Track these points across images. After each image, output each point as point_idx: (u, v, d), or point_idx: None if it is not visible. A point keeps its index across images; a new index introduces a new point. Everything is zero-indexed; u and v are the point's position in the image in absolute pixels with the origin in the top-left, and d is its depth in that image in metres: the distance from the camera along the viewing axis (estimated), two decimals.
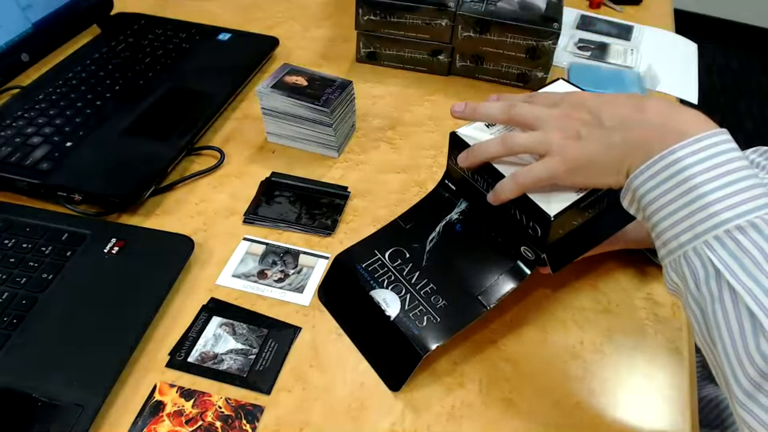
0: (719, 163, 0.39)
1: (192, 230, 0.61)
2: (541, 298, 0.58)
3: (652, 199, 0.41)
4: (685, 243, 0.40)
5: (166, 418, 0.47)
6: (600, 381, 0.51)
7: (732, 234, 0.38)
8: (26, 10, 0.80)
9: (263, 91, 0.68)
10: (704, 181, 0.39)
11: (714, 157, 0.40)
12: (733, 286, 0.37)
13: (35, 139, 0.67)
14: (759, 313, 0.35)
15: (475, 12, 0.78)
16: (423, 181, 0.69)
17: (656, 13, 1.05)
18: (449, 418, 0.48)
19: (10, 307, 0.51)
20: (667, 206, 0.41)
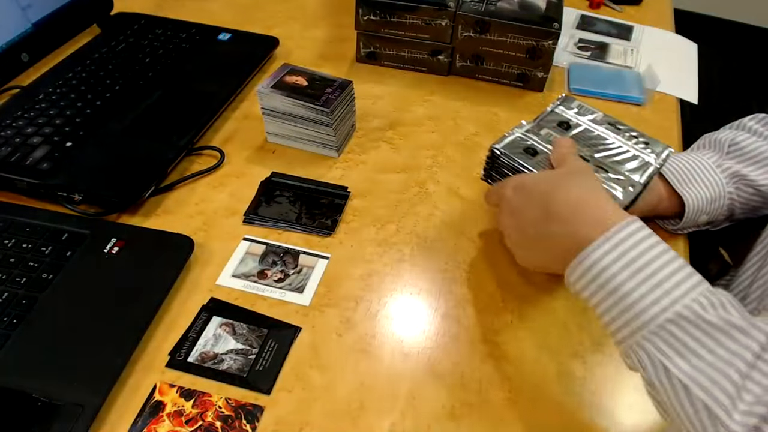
0: (634, 257, 0.41)
1: (192, 230, 0.61)
2: (542, 298, 0.58)
3: (587, 299, 0.44)
4: (627, 337, 0.41)
5: (166, 418, 0.47)
6: (600, 381, 0.51)
7: (665, 327, 0.39)
8: (26, 10, 0.80)
9: (263, 91, 0.68)
10: (624, 281, 0.41)
11: (628, 252, 0.41)
12: (681, 380, 0.38)
13: (35, 139, 0.67)
14: (710, 403, 0.37)
15: (475, 12, 0.78)
16: (423, 181, 0.69)
17: (656, 13, 1.05)
18: (449, 418, 0.48)
19: (10, 307, 0.51)
20: (600, 306, 0.43)
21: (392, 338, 0.54)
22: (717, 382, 0.37)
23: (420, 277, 0.59)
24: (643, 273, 0.41)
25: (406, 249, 0.62)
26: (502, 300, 0.57)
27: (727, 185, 0.62)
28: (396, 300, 0.57)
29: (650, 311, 0.40)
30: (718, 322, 0.38)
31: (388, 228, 0.64)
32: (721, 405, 0.37)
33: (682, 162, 0.63)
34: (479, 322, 0.55)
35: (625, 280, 0.41)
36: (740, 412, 0.36)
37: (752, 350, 0.37)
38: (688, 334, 0.39)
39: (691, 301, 0.39)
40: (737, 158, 0.63)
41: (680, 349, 0.39)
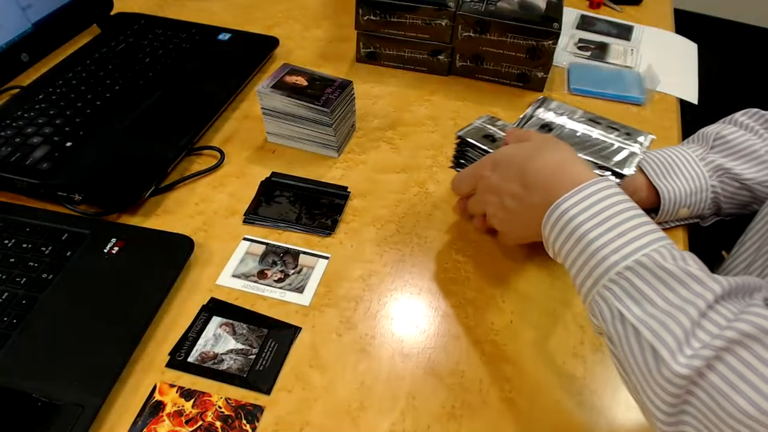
0: (601, 209, 0.43)
1: (192, 230, 0.61)
2: (542, 298, 0.58)
3: (558, 251, 0.46)
4: (591, 288, 0.43)
5: (166, 418, 0.47)
6: (600, 381, 0.51)
7: (623, 275, 0.40)
8: (26, 10, 0.80)
9: (263, 91, 0.68)
10: (589, 229, 0.42)
11: (595, 204, 0.43)
12: (633, 324, 0.39)
13: (35, 139, 0.67)
14: (657, 345, 0.38)
15: (475, 12, 0.78)
16: (423, 181, 0.69)
17: (656, 13, 1.05)
18: (449, 418, 0.48)
19: (10, 307, 0.51)
20: (569, 256, 0.44)
21: (392, 338, 0.54)
22: (666, 326, 0.38)
23: (420, 277, 0.59)
24: (608, 223, 0.42)
25: (406, 249, 0.62)
26: (502, 300, 0.57)
27: (710, 178, 0.62)
28: (396, 300, 0.57)
29: (611, 258, 0.41)
30: (676, 271, 0.39)
31: (388, 228, 0.64)
32: (667, 347, 0.37)
33: (663, 155, 0.63)
34: (479, 322, 0.55)
35: (591, 229, 0.42)
36: (686, 355, 0.36)
37: (706, 300, 0.38)
38: (645, 281, 0.40)
39: (652, 250, 0.40)
40: (722, 152, 0.63)
41: (636, 295, 0.40)
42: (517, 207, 0.51)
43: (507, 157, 0.52)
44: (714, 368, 0.36)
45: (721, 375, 0.35)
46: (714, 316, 0.37)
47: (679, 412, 0.38)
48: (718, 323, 0.37)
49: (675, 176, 0.62)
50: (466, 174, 0.59)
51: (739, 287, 0.39)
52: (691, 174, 0.62)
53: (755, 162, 0.62)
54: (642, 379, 0.39)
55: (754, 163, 0.62)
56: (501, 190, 0.52)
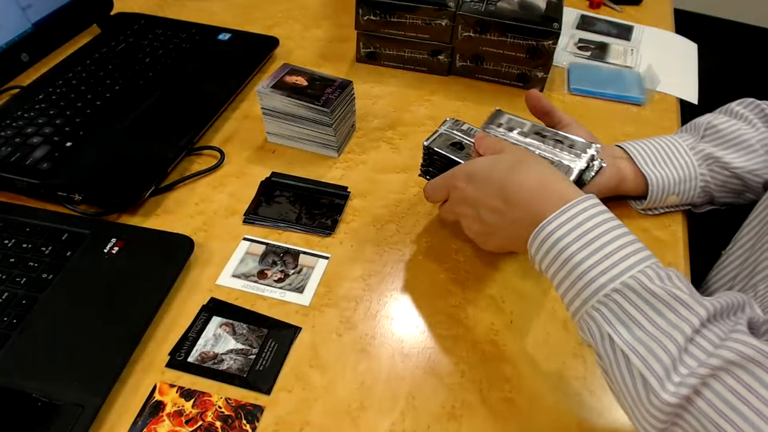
0: (587, 230, 0.42)
1: (192, 230, 0.61)
2: (542, 298, 0.58)
3: (545, 271, 0.45)
4: (579, 308, 0.43)
5: (166, 418, 0.47)
6: (600, 381, 0.51)
7: (611, 297, 0.40)
8: (26, 10, 0.80)
9: (263, 91, 0.68)
10: (576, 251, 0.42)
11: (581, 225, 0.43)
12: (622, 349, 0.39)
13: (35, 139, 0.67)
14: (646, 373, 0.38)
15: (475, 12, 0.78)
16: (423, 181, 0.69)
17: (656, 13, 1.05)
18: (449, 418, 0.48)
19: (10, 307, 0.51)
20: (555, 277, 0.44)
21: (392, 338, 0.54)
22: (654, 352, 0.38)
23: (420, 277, 0.59)
24: (594, 245, 0.42)
25: (406, 249, 0.62)
26: (502, 300, 0.57)
27: (699, 167, 0.63)
28: (396, 300, 0.57)
29: (599, 280, 0.41)
30: (663, 294, 0.39)
31: (388, 228, 0.64)
32: (655, 375, 0.38)
33: (653, 144, 0.64)
34: (479, 322, 0.55)
35: (577, 251, 0.42)
36: (674, 383, 0.37)
37: (692, 324, 0.38)
38: (632, 304, 0.40)
39: (638, 272, 0.40)
40: (713, 141, 0.64)
41: (624, 318, 0.40)
42: (497, 221, 0.50)
43: (484, 170, 0.51)
44: (701, 395, 0.36)
45: (709, 402, 0.36)
46: (700, 341, 0.38)
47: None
48: (704, 348, 0.37)
49: (664, 164, 0.63)
50: (438, 183, 0.56)
51: (723, 308, 0.39)
52: (680, 162, 0.63)
53: (745, 151, 0.63)
54: (632, 404, 0.40)
55: (744, 152, 0.63)
56: (478, 203, 0.51)
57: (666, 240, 0.64)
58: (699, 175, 0.63)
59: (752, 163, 0.62)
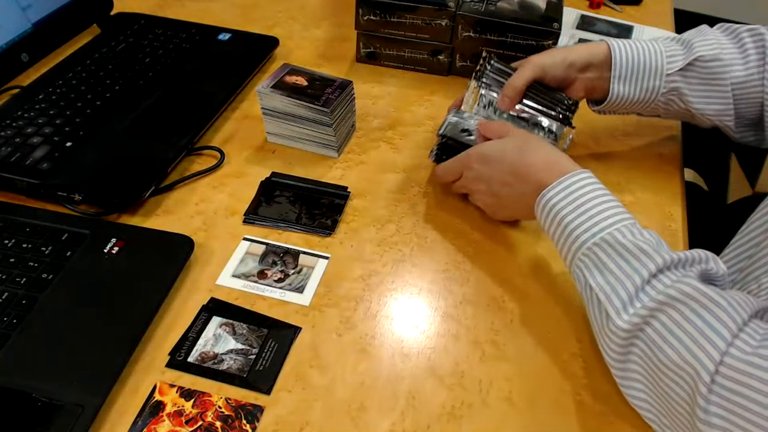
0: (576, 197, 0.52)
1: (192, 230, 0.61)
2: (541, 298, 0.58)
3: (547, 231, 0.54)
4: (570, 261, 0.52)
5: (166, 418, 0.47)
6: (600, 381, 0.51)
7: (591, 249, 0.49)
8: (26, 10, 0.80)
9: (263, 91, 0.68)
10: (566, 214, 0.52)
11: (572, 193, 0.52)
12: (593, 288, 0.48)
13: (35, 139, 0.67)
14: (607, 306, 0.47)
15: (475, 12, 0.78)
16: (423, 181, 0.69)
17: (656, 13, 1.05)
18: (449, 418, 0.48)
19: (10, 307, 0.51)
20: (554, 236, 0.53)
21: (392, 338, 0.54)
22: (616, 290, 0.47)
23: (420, 277, 0.59)
24: (581, 209, 0.51)
25: (406, 249, 0.62)
26: (502, 300, 0.57)
27: (660, 96, 0.67)
28: (396, 300, 0.57)
29: (583, 237, 0.50)
30: (630, 246, 0.47)
31: (388, 228, 0.64)
32: (614, 307, 0.46)
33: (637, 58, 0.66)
34: (479, 322, 0.55)
35: (568, 214, 0.51)
36: (628, 314, 0.45)
37: (649, 269, 0.46)
38: (606, 254, 0.48)
39: (614, 230, 0.49)
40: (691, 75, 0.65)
41: (599, 265, 0.49)
42: (508, 194, 0.59)
43: (496, 152, 0.60)
44: (650, 324, 0.44)
45: (655, 330, 0.44)
46: (655, 283, 0.45)
47: (625, 360, 0.46)
48: (657, 288, 0.45)
49: (632, 83, 0.67)
50: (451, 165, 0.64)
51: (681, 260, 0.46)
52: (648, 87, 0.67)
53: (713, 94, 0.65)
54: (599, 332, 0.49)
55: (710, 95, 0.65)
56: (492, 180, 0.60)
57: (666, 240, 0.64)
58: (657, 101, 0.67)
59: (711, 107, 0.66)
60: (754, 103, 0.65)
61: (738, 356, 0.40)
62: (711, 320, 0.42)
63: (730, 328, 0.41)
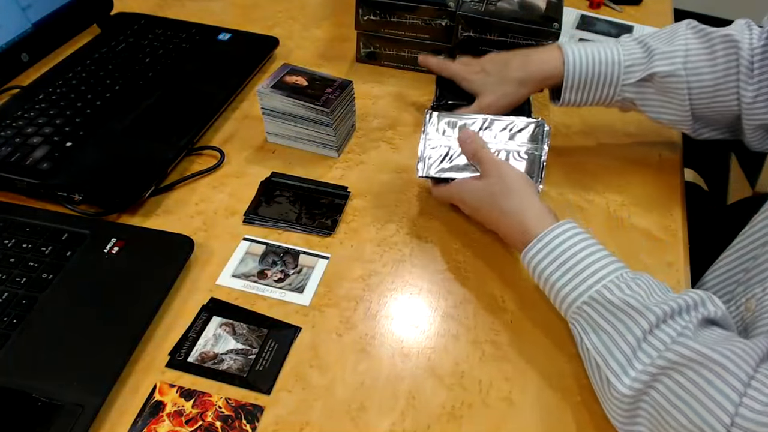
0: (558, 254, 0.51)
1: (192, 230, 0.61)
2: (541, 298, 0.58)
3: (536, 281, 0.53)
4: (564, 315, 0.51)
5: (166, 418, 0.47)
6: None
7: (582, 308, 0.49)
8: (26, 10, 0.80)
9: (263, 91, 0.68)
10: (550, 273, 0.51)
11: (554, 250, 0.51)
12: (589, 350, 0.48)
13: (35, 139, 0.67)
14: (606, 372, 0.45)
15: (475, 12, 0.78)
16: (423, 181, 0.69)
17: (656, 13, 1.05)
18: (449, 418, 0.48)
19: (10, 307, 0.51)
20: (544, 291, 0.53)
21: (392, 338, 0.54)
22: (612, 353, 0.46)
23: (420, 277, 0.59)
24: (565, 266, 0.50)
25: (406, 249, 0.62)
26: (502, 300, 0.57)
27: (615, 102, 0.68)
28: (396, 300, 0.57)
29: (571, 296, 0.49)
30: (619, 303, 0.46)
31: (388, 228, 0.64)
32: (612, 371, 0.45)
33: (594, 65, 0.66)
34: (479, 322, 0.55)
35: (552, 273, 0.51)
36: (629, 377, 0.44)
37: (642, 328, 0.45)
38: (598, 313, 0.48)
39: (601, 286, 0.48)
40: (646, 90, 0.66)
41: (593, 325, 0.48)
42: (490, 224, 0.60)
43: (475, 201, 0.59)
44: (654, 388, 0.43)
45: (661, 393, 0.42)
46: (652, 340, 0.44)
47: (633, 423, 0.45)
48: (656, 347, 0.44)
49: (584, 92, 0.67)
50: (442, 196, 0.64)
51: (674, 310, 0.45)
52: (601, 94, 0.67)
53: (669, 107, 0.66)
54: (601, 395, 0.48)
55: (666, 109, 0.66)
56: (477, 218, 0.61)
57: (666, 240, 0.64)
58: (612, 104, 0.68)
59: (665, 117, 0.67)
60: (726, 108, 0.64)
61: (748, 416, 0.39)
62: (717, 383, 0.40)
63: (737, 389, 0.40)
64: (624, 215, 0.67)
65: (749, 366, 0.40)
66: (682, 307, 0.45)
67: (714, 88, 0.63)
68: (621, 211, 0.67)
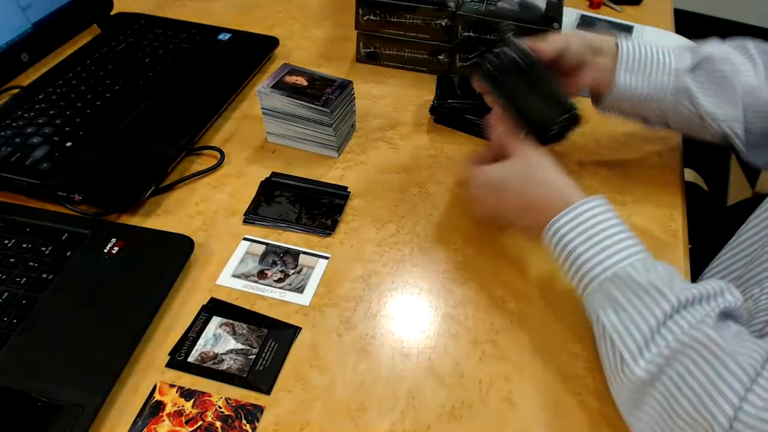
0: (587, 227, 0.50)
1: (192, 230, 0.61)
2: (542, 298, 0.58)
3: (556, 259, 0.52)
4: (582, 294, 0.50)
5: (166, 418, 0.47)
6: (600, 381, 0.51)
7: (604, 284, 0.48)
8: (26, 10, 0.80)
9: (263, 91, 0.68)
10: (576, 246, 0.50)
11: (583, 223, 0.50)
12: (605, 327, 0.47)
13: (35, 139, 0.67)
14: (623, 351, 0.45)
15: (475, 12, 0.78)
16: (423, 182, 0.69)
17: (656, 13, 1.05)
18: (449, 418, 0.48)
19: (10, 307, 0.51)
20: (563, 266, 0.52)
21: (392, 338, 0.54)
22: (630, 331, 0.45)
23: (420, 277, 0.59)
24: (592, 240, 0.49)
25: (406, 249, 0.62)
26: (502, 300, 0.57)
27: (670, 94, 0.63)
28: (396, 300, 0.57)
29: (594, 270, 0.48)
30: (644, 283, 0.46)
31: (388, 228, 0.64)
32: (629, 351, 0.45)
33: (644, 52, 0.63)
34: (479, 322, 0.55)
35: (578, 246, 0.50)
36: (645, 359, 0.44)
37: (664, 310, 0.44)
38: (619, 290, 0.47)
39: (628, 264, 0.47)
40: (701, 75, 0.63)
41: (612, 303, 0.47)
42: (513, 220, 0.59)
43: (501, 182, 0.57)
44: (665, 372, 0.43)
45: (671, 378, 0.42)
46: (671, 325, 0.44)
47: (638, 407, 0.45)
48: (673, 332, 0.44)
49: (640, 75, 0.63)
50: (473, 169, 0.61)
51: (696, 297, 0.45)
52: (657, 82, 0.63)
53: (723, 98, 0.62)
54: (611, 374, 0.47)
55: (720, 98, 0.62)
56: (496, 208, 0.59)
57: (666, 240, 0.64)
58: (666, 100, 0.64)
59: (721, 111, 0.62)
60: (764, 116, 0.62)
61: (751, 412, 0.39)
62: (726, 375, 0.41)
63: (743, 381, 0.40)
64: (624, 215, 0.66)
65: (757, 363, 0.41)
66: (704, 296, 0.45)
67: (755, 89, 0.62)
68: (621, 211, 0.66)
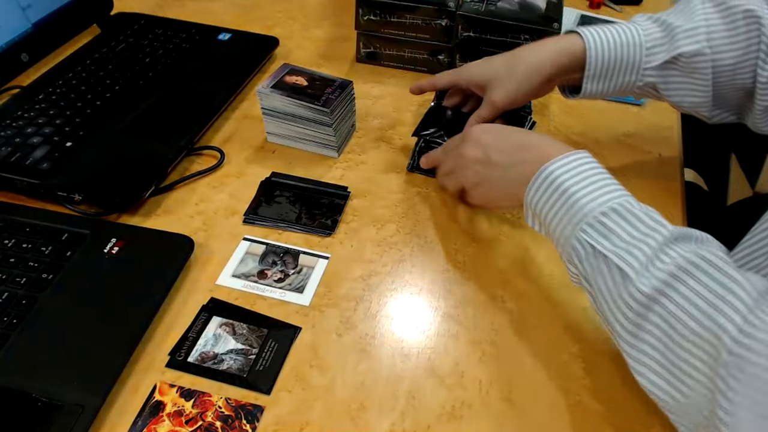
0: (581, 171, 0.50)
1: (192, 230, 0.61)
2: (541, 298, 0.58)
3: (541, 208, 0.52)
4: (569, 234, 0.49)
5: (166, 418, 0.47)
6: (600, 381, 0.51)
7: (599, 218, 0.47)
8: (26, 10, 0.80)
9: (263, 91, 0.68)
10: (571, 185, 0.50)
11: (577, 167, 0.51)
12: (603, 253, 0.46)
13: (35, 139, 0.67)
14: (624, 266, 0.44)
15: (475, 12, 0.78)
16: (423, 182, 0.69)
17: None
18: (449, 418, 0.48)
19: (10, 307, 0.51)
20: (552, 209, 0.51)
21: (392, 338, 0.54)
22: (632, 252, 0.45)
23: (420, 277, 0.59)
24: (587, 180, 0.50)
25: (406, 249, 0.62)
26: (502, 300, 0.57)
27: (636, 89, 0.65)
28: (396, 300, 0.57)
29: (589, 206, 0.48)
30: (640, 214, 0.47)
31: (388, 228, 0.64)
32: (633, 268, 0.44)
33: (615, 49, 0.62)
34: (479, 322, 0.55)
35: (573, 185, 0.50)
36: (647, 276, 0.43)
37: (664, 235, 0.45)
38: (615, 222, 0.47)
39: (624, 200, 0.48)
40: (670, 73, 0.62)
41: (607, 233, 0.47)
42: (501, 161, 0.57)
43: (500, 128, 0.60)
44: (667, 293, 0.42)
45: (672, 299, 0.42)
46: (674, 246, 0.44)
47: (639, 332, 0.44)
48: (677, 251, 0.44)
49: (606, 81, 0.64)
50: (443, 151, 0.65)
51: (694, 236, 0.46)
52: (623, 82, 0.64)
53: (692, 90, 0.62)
54: (611, 300, 0.46)
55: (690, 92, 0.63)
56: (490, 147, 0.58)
57: None
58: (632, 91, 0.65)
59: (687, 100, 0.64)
60: (740, 89, 0.62)
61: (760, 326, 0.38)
62: (731, 285, 0.40)
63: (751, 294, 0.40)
64: None
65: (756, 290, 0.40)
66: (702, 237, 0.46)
67: (734, 66, 0.61)
68: None
